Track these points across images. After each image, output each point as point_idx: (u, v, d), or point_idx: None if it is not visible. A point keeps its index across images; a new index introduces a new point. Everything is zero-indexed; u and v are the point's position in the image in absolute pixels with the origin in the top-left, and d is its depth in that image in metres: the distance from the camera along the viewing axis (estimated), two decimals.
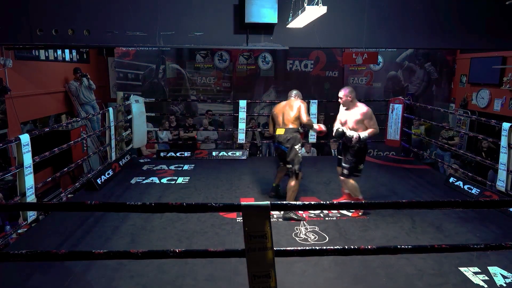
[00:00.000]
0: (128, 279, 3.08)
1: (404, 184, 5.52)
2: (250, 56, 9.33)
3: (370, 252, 2.48)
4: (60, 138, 6.13)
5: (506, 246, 2.43)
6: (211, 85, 9.44)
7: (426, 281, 3.09)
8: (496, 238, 3.84)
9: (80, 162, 5.64)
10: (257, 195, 4.99)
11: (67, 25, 4.65)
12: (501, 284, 3.05)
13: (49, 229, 4.05)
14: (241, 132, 6.85)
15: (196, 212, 4.16)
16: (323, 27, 4.85)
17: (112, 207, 2.49)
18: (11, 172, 3.77)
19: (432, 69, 9.23)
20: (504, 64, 7.24)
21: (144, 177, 5.74)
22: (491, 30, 5.08)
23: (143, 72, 9.21)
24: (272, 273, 2.19)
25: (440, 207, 2.43)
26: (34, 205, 3.53)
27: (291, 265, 3.24)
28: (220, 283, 3.05)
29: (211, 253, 2.35)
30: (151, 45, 4.86)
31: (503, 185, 4.52)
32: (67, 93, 7.55)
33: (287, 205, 2.29)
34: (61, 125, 6.19)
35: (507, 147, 4.45)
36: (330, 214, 4.40)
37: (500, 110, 7.41)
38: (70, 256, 2.41)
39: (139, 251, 2.25)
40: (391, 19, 5.02)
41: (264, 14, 4.51)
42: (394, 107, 6.83)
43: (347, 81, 9.37)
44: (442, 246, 2.52)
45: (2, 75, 5.72)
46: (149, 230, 3.98)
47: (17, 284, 3.03)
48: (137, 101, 6.49)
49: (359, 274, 3.19)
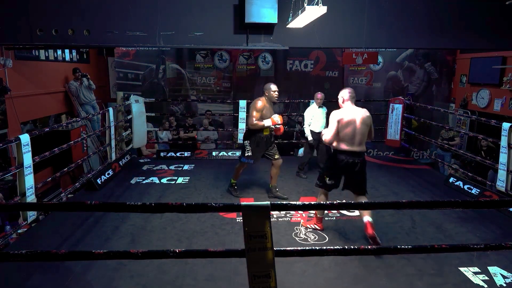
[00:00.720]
0: (128, 279, 3.08)
1: (404, 184, 5.52)
2: (250, 56, 9.32)
3: (370, 252, 2.49)
4: (60, 138, 6.13)
5: (506, 246, 2.43)
6: (211, 85, 9.44)
7: (426, 281, 3.09)
8: (496, 238, 3.84)
9: (80, 162, 5.64)
10: (257, 195, 4.99)
11: (67, 25, 4.65)
12: (501, 284, 3.05)
13: (49, 229, 4.05)
14: (241, 132, 6.85)
15: (196, 212, 4.15)
16: (323, 27, 4.85)
17: (112, 207, 2.49)
18: (11, 172, 3.77)
19: (432, 69, 9.23)
20: (504, 64, 7.24)
21: (144, 177, 5.74)
22: (491, 30, 5.08)
23: (143, 72, 9.21)
24: (272, 273, 2.19)
25: (440, 207, 2.43)
26: (34, 205, 3.53)
27: (291, 265, 3.24)
28: (220, 283, 3.05)
29: (211, 253, 2.35)
30: (151, 45, 4.86)
31: (503, 185, 4.52)
32: (67, 93, 7.55)
33: (287, 205, 2.29)
34: (61, 125, 6.19)
35: (507, 147, 4.45)
36: (330, 214, 4.40)
37: (500, 110, 7.40)
38: (70, 256, 2.41)
39: (139, 251, 2.25)
40: (391, 19, 5.01)
41: (264, 14, 4.51)
42: (394, 107, 6.83)
43: (347, 81, 9.37)
44: (442, 246, 2.52)
45: (2, 75, 5.72)
46: (149, 230, 3.98)
47: (17, 284, 3.03)
48: (137, 101, 6.50)
49: (359, 274, 3.19)
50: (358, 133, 3.61)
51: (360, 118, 3.62)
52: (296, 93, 9.22)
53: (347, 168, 3.67)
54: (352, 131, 3.59)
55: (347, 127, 3.59)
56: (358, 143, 3.62)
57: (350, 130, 3.59)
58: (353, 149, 3.61)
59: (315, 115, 5.75)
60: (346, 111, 3.66)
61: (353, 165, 3.64)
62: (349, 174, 3.73)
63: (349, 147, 3.62)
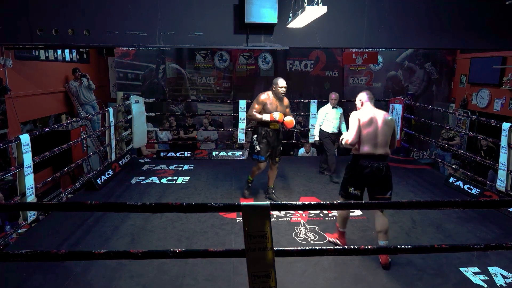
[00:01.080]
0: (128, 279, 3.08)
1: (404, 184, 5.52)
2: (250, 56, 9.33)
3: (370, 252, 2.48)
4: (60, 138, 6.14)
5: (506, 246, 2.43)
6: (211, 85, 9.44)
7: (426, 281, 3.09)
8: (496, 238, 3.84)
9: (80, 162, 5.64)
10: (257, 195, 4.99)
11: (67, 25, 4.65)
12: (501, 284, 3.05)
13: (49, 229, 4.05)
14: (241, 132, 6.85)
15: (196, 212, 4.15)
16: (323, 27, 4.85)
17: (112, 207, 2.49)
18: (11, 172, 3.77)
19: (432, 69, 9.23)
20: (504, 64, 7.24)
21: (144, 177, 5.74)
22: (491, 30, 5.08)
23: (143, 72, 9.22)
24: (272, 273, 2.19)
25: (440, 207, 2.43)
26: (34, 205, 3.53)
27: (291, 265, 3.24)
28: (220, 283, 3.05)
29: (211, 253, 2.35)
30: (151, 45, 4.86)
31: (503, 185, 4.52)
32: (67, 93, 7.55)
33: (287, 205, 2.29)
34: (61, 125, 6.19)
35: (507, 147, 4.45)
36: (330, 214, 4.40)
37: (500, 110, 7.41)
38: (70, 256, 2.41)
39: (139, 251, 2.25)
40: (391, 19, 5.01)
41: (264, 14, 4.51)
42: (394, 107, 6.83)
43: (347, 81, 9.38)
44: (442, 246, 2.52)
45: (2, 75, 5.72)
46: (149, 230, 3.98)
47: (17, 284, 3.03)
48: (137, 101, 6.50)
49: (359, 274, 3.19)
50: (381, 133, 3.29)
51: (382, 118, 3.33)
52: (296, 93, 9.22)
53: (371, 175, 3.30)
54: (374, 131, 3.29)
55: (369, 127, 3.29)
56: (381, 144, 3.29)
57: (372, 130, 3.29)
58: (376, 152, 3.28)
59: (328, 114, 5.71)
60: (366, 111, 3.39)
61: (378, 170, 3.29)
62: (374, 182, 3.35)
63: (372, 150, 3.27)
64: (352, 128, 3.36)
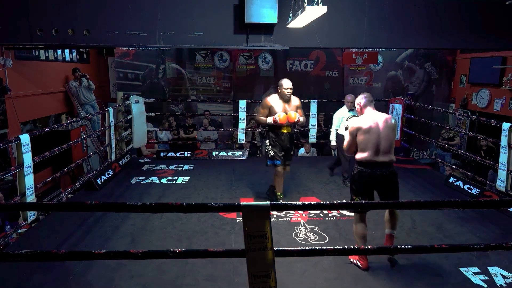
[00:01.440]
0: (128, 279, 3.08)
1: (404, 184, 5.50)
2: (250, 56, 9.32)
3: (370, 252, 2.49)
4: (60, 138, 6.13)
5: (506, 246, 2.43)
6: (211, 85, 9.44)
7: (426, 281, 3.09)
8: (496, 238, 3.83)
9: (80, 162, 5.64)
10: (257, 195, 4.99)
11: (67, 25, 4.65)
12: (501, 284, 3.05)
13: (49, 229, 4.05)
14: (241, 132, 6.85)
15: (196, 212, 4.16)
16: (323, 27, 4.85)
17: (112, 207, 2.50)
18: (11, 172, 3.77)
19: (432, 69, 9.23)
20: (504, 64, 7.24)
21: (144, 177, 5.74)
22: (491, 30, 5.08)
23: (143, 72, 9.21)
24: (272, 273, 2.19)
25: (440, 207, 2.43)
26: (34, 205, 3.53)
27: (291, 265, 3.24)
28: (220, 283, 3.05)
29: (211, 253, 2.35)
30: (151, 45, 4.86)
31: (503, 185, 4.52)
32: (67, 93, 7.55)
33: (287, 205, 2.29)
34: (61, 125, 6.19)
35: (507, 147, 4.45)
36: (330, 214, 4.40)
37: (500, 110, 7.40)
38: (70, 256, 2.41)
39: (139, 251, 2.25)
40: (391, 19, 5.01)
41: (264, 14, 4.51)
42: (394, 107, 6.83)
43: (347, 81, 9.38)
44: (442, 246, 2.52)
45: (2, 75, 5.72)
46: (149, 230, 3.98)
47: (17, 284, 3.03)
48: (137, 101, 6.50)
49: (359, 274, 3.19)
50: (384, 139, 3.18)
51: (383, 122, 3.22)
52: (296, 93, 9.15)
53: (375, 183, 3.23)
54: (376, 138, 3.17)
55: (370, 133, 3.17)
56: (384, 151, 3.18)
57: (374, 137, 3.17)
58: (378, 160, 3.17)
59: (345, 118, 5.55)
60: (366, 117, 3.28)
61: (382, 178, 3.20)
62: (379, 190, 3.29)
63: (373, 158, 3.17)
64: (347, 139, 3.31)
